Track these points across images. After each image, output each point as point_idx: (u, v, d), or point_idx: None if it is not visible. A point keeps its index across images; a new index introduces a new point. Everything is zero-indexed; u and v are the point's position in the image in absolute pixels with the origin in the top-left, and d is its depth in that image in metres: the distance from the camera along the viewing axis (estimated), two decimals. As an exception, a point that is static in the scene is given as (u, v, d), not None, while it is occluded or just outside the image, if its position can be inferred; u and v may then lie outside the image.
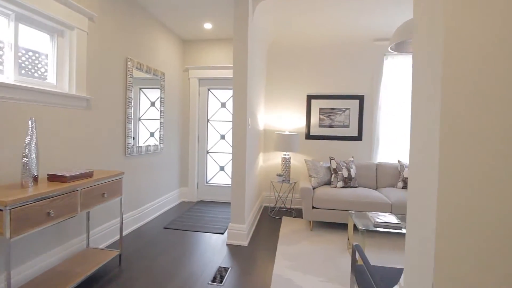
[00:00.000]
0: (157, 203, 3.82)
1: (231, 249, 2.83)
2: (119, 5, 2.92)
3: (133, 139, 3.22)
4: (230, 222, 3.02)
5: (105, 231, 2.80)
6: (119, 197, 2.37)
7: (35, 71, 2.18)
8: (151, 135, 3.62)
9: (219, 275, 2.31)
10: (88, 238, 2.51)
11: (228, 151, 4.58)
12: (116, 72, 2.90)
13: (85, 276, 2.01)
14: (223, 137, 4.58)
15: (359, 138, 4.22)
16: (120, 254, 2.42)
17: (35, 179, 1.76)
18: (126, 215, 3.16)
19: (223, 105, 4.56)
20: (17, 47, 2.00)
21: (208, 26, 3.85)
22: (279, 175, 3.96)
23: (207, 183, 4.63)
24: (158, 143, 3.77)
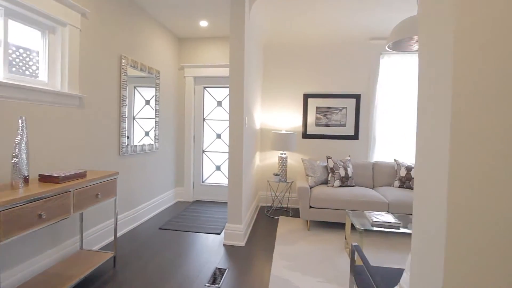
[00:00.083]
0: (152, 203, 3.77)
1: (228, 249, 2.80)
2: (113, 1, 2.85)
3: (128, 138, 3.17)
4: (226, 222, 2.99)
5: (99, 232, 2.75)
6: (114, 198, 2.32)
7: (26, 68, 2.12)
8: (146, 134, 3.57)
9: (216, 276, 2.28)
10: (81, 239, 2.45)
11: (224, 151, 4.55)
12: (110, 69, 2.84)
13: (79, 278, 1.97)
14: (219, 136, 4.54)
15: (355, 137, 4.22)
16: (114, 255, 2.37)
17: (25, 180, 1.70)
18: (120, 216, 3.11)
19: (219, 104, 4.51)
20: (7, 44, 1.94)
21: (204, 23, 3.80)
22: (275, 175, 3.94)
23: (203, 182, 4.59)
24: (153, 142, 3.72)
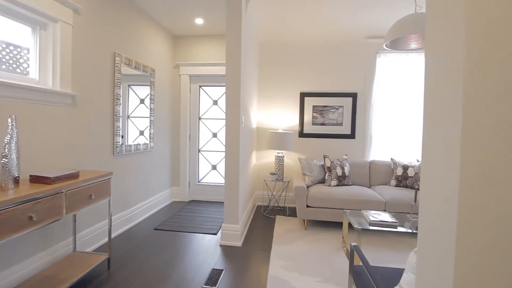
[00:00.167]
0: (148, 204, 3.71)
1: (225, 250, 2.77)
2: (106, -3, 2.79)
3: (122, 137, 3.11)
4: (223, 222, 2.96)
5: (93, 233, 2.69)
6: (108, 199, 2.27)
7: (17, 66, 2.05)
8: (141, 133, 3.51)
9: (213, 277, 2.25)
10: (74, 241, 2.40)
11: (220, 150, 4.50)
12: (103, 67, 2.78)
13: (72, 281, 1.92)
14: (215, 135, 4.50)
15: (352, 136, 4.21)
16: (109, 257, 2.32)
17: (16, 181, 1.65)
18: (115, 217, 3.05)
19: (215, 102, 4.47)
20: (-5, 39, 1.87)
21: (199, 21, 3.75)
22: (272, 174, 3.91)
23: (199, 182, 4.54)
24: (148, 141, 3.66)
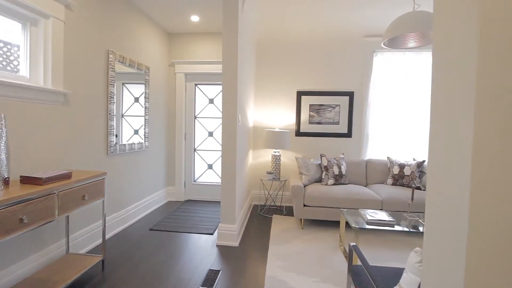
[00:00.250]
0: (143, 204, 3.66)
1: (222, 250, 2.74)
2: (99, -7, 2.73)
3: (116, 136, 3.05)
4: (220, 222, 2.93)
5: (87, 235, 2.64)
6: (102, 199, 2.22)
7: (7, 63, 1.99)
8: (135, 132, 3.45)
9: (210, 278, 2.22)
10: (67, 243, 2.34)
11: (216, 149, 4.46)
12: (96, 65, 2.72)
13: (66, 284, 1.88)
14: (211, 134, 4.46)
15: (348, 134, 4.21)
16: (103, 259, 2.28)
17: (5, 182, 1.60)
18: (109, 217, 3.00)
19: (211, 101, 4.42)
20: (-16, 35, 1.81)
21: (195, 18, 3.69)
22: (269, 173, 3.89)
23: (194, 181, 4.50)
24: (142, 140, 3.60)
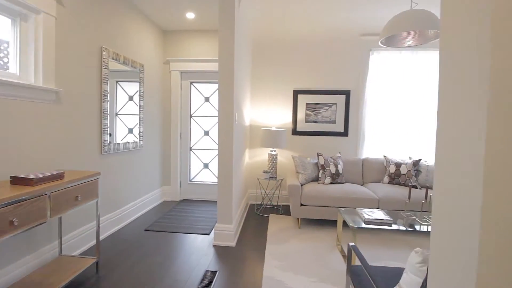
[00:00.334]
0: (138, 204, 3.60)
1: (218, 250, 2.70)
2: (92, -11, 2.66)
3: (110, 135, 2.99)
4: (216, 222, 2.89)
5: (80, 236, 2.58)
6: (95, 200, 2.17)
7: (-5, 60, 1.92)
8: (130, 131, 3.39)
9: (207, 279, 2.18)
10: (60, 244, 2.29)
11: (212, 148, 4.42)
12: (89, 62, 2.65)
13: (59, 287, 1.82)
14: (207, 133, 4.41)
15: (345, 133, 4.20)
16: (97, 261, 2.22)
17: (-6, 183, 1.54)
18: (103, 218, 2.94)
19: (207, 99, 4.37)
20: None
21: (190, 15, 3.64)
22: (265, 172, 3.86)
23: (190, 181, 4.45)
24: (137, 139, 3.54)
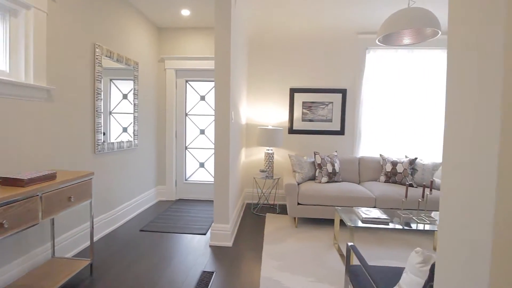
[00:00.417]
0: (132, 204, 3.55)
1: (215, 251, 2.67)
2: (85, -16, 2.59)
3: (104, 134, 2.93)
4: (213, 222, 2.86)
5: (73, 237, 2.52)
6: (89, 201, 2.12)
7: (-17, 56, 1.86)
8: (124, 130, 3.33)
9: (203, 280, 2.15)
10: (53, 246, 2.23)
11: (208, 147, 4.38)
12: (82, 59, 2.59)
13: (50, 291, 1.77)
14: (202, 132, 4.36)
15: (341, 132, 4.19)
16: (91, 262, 2.18)
17: (-17, 184, 1.49)
18: (97, 219, 2.88)
19: (203, 98, 4.33)
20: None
21: (185, 12, 3.58)
22: (262, 171, 3.84)
23: (186, 180, 4.41)
24: (132, 138, 3.49)
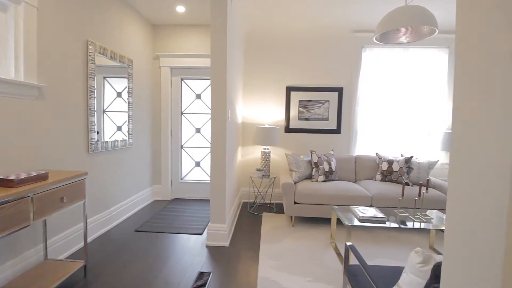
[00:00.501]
0: (127, 204, 3.50)
1: (211, 251, 2.64)
2: (77, -21, 2.53)
3: (97, 133, 2.87)
4: (209, 222, 2.83)
5: (66, 239, 2.47)
6: (82, 201, 2.07)
7: (-30, 52, 1.80)
8: (118, 129, 3.27)
9: (200, 281, 2.13)
10: (45, 248, 2.18)
11: (204, 146, 4.34)
12: (74, 56, 2.52)
13: (43, 294, 1.73)
14: (198, 130, 4.32)
15: (337, 131, 4.19)
16: (85, 264, 2.13)
17: (-29, 185, 1.43)
18: (91, 219, 2.83)
19: (198, 96, 4.28)
20: None
21: (180, 9, 3.53)
22: (258, 170, 3.81)
23: (181, 179, 4.36)
24: (126, 137, 3.43)
